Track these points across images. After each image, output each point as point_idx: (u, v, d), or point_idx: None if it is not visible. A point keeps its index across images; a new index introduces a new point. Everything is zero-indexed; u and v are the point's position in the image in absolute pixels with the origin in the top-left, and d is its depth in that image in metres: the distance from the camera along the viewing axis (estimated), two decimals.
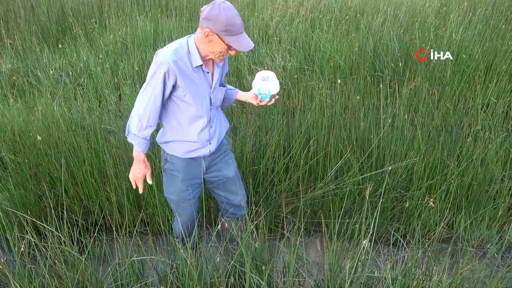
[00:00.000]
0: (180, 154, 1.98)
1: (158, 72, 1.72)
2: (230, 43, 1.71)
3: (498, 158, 2.68)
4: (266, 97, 2.04)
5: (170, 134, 1.95)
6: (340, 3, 6.52)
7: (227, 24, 1.66)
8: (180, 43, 1.80)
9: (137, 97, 1.81)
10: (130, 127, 1.86)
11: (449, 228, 2.63)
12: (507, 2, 5.99)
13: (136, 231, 2.53)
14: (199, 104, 1.87)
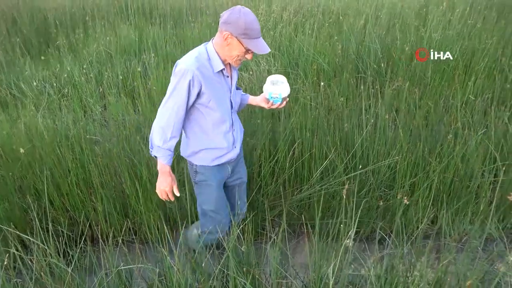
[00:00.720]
0: (209, 162, 1.96)
1: (182, 81, 1.72)
2: (249, 46, 1.75)
3: (477, 154, 2.74)
4: (278, 101, 2.07)
5: (196, 144, 1.94)
6: (323, 6, 6.61)
7: (246, 28, 1.71)
8: (198, 51, 1.81)
9: (159, 108, 1.79)
10: (153, 140, 1.82)
11: (433, 224, 2.68)
12: (485, 2, 6.15)
13: (123, 240, 2.53)
14: (222, 109, 1.89)
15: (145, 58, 4.96)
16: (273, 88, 2.05)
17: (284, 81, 2.06)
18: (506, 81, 3.92)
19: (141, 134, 3.18)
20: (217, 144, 1.94)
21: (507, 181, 2.68)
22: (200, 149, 1.94)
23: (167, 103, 1.76)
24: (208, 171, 1.99)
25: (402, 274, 1.78)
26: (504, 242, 2.50)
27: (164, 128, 1.77)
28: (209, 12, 6.85)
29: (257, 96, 2.22)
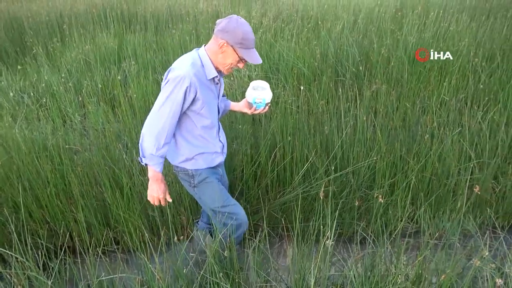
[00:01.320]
0: (202, 166, 1.97)
1: (178, 87, 1.70)
2: (243, 55, 1.79)
3: (453, 153, 2.82)
4: (261, 106, 2.11)
5: (188, 151, 1.93)
6: (301, 12, 6.70)
7: (243, 38, 1.75)
8: (192, 57, 1.82)
9: (149, 117, 1.75)
10: (145, 149, 1.77)
11: (413, 223, 2.74)
12: (457, 6, 6.35)
13: (105, 250, 2.50)
14: (212, 115, 1.92)
15: (125, 66, 4.93)
16: (256, 94, 2.08)
17: (267, 87, 2.10)
18: (479, 82, 4.05)
19: (121, 142, 3.16)
20: (209, 149, 1.97)
21: (482, 178, 2.76)
22: (193, 155, 1.94)
23: (162, 109, 1.73)
24: (204, 171, 1.99)
25: (382, 273, 1.82)
26: (479, 237, 2.57)
27: (157, 135, 1.75)
28: (189, 19, 6.86)
29: (239, 102, 2.25)
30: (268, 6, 7.40)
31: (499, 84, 3.94)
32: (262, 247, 1.86)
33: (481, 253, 1.96)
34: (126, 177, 2.59)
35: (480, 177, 2.78)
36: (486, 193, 2.76)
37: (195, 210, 2.71)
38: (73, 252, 2.59)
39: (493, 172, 2.82)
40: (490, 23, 5.43)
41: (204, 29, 6.03)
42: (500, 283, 1.78)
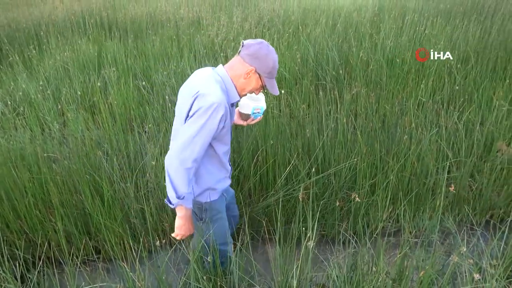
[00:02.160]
0: (217, 196, 1.84)
1: (214, 116, 1.55)
2: (267, 85, 1.71)
3: (431, 152, 2.89)
4: (258, 115, 2.03)
5: (208, 181, 1.79)
6: (282, 17, 6.77)
7: (273, 67, 1.67)
8: (216, 80, 1.66)
9: (175, 152, 1.56)
10: (178, 189, 1.59)
11: (394, 222, 2.78)
12: (433, 10, 6.53)
13: (86, 260, 2.45)
14: (230, 139, 1.84)
15: (105, 72, 4.87)
16: (255, 103, 2.00)
17: (262, 96, 2.04)
18: (454, 83, 4.17)
19: (102, 149, 3.12)
20: (222, 175, 1.87)
21: (459, 177, 2.84)
22: (209, 185, 1.79)
23: (195, 142, 1.56)
24: (216, 204, 1.85)
25: (364, 272, 1.84)
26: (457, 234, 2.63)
27: (190, 170, 1.58)
28: (170, 25, 6.84)
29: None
30: (249, 12, 7.45)
31: (474, 84, 4.06)
32: (244, 250, 1.85)
33: (459, 250, 2.01)
34: (106, 185, 2.56)
35: (457, 176, 2.85)
36: (464, 191, 2.83)
37: None
38: (53, 262, 2.54)
39: (470, 170, 2.90)
40: (464, 26, 5.60)
41: (185, 35, 6.03)
42: (478, 278, 1.82)
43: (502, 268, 1.92)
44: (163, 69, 4.79)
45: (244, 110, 2.02)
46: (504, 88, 3.88)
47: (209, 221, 1.85)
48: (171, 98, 4.26)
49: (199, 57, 5.18)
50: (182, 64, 4.83)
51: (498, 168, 2.85)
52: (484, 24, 5.75)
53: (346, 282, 1.77)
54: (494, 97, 3.73)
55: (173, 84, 4.39)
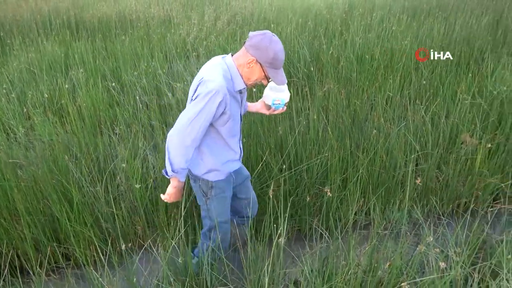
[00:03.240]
0: (223, 177, 1.95)
1: (212, 101, 1.67)
2: (270, 75, 1.76)
3: (399, 146, 2.96)
4: (280, 106, 2.08)
5: (213, 161, 1.89)
6: (254, 15, 6.78)
7: (273, 58, 1.71)
8: (222, 68, 1.77)
9: (177, 130, 1.70)
10: (174, 163, 1.74)
11: (365, 215, 2.84)
12: (399, 8, 6.69)
13: (56, 267, 2.39)
14: (236, 125, 1.91)
15: (73, 74, 4.74)
16: (275, 95, 2.06)
17: (285, 88, 2.07)
18: (422, 78, 4.29)
19: (70, 153, 3.03)
20: (229, 157, 1.95)
21: (427, 168, 2.93)
22: (215, 167, 1.90)
23: (194, 123, 1.69)
24: (223, 183, 1.97)
25: (336, 265, 1.87)
26: (425, 224, 2.72)
27: (187, 149, 1.73)
28: (140, 24, 6.72)
29: (256, 103, 2.23)
30: (220, 10, 7.42)
31: (440, 79, 4.19)
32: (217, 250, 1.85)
33: (426, 239, 2.08)
34: (75, 190, 2.49)
35: (424, 168, 2.94)
36: (431, 182, 2.92)
37: (150, 219, 2.65)
38: (21, 271, 2.45)
39: (436, 162, 3.00)
40: (429, 22, 5.77)
41: (156, 34, 5.94)
42: (444, 266, 1.89)
43: (466, 255, 2.00)
44: (134, 70, 4.71)
45: (266, 100, 2.10)
46: (467, 82, 4.03)
47: (213, 198, 1.98)
48: (142, 98, 4.20)
49: (170, 56, 5.12)
50: (153, 64, 4.76)
51: (463, 159, 2.96)
52: (448, 20, 5.95)
53: (318, 276, 1.79)
54: (458, 91, 3.86)
55: (144, 84, 4.32)
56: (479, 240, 2.23)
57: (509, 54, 4.82)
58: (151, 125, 3.65)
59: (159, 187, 2.68)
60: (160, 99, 4.22)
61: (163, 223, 2.54)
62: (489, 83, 3.99)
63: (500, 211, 2.85)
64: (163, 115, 3.81)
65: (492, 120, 3.30)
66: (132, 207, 2.65)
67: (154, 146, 3.27)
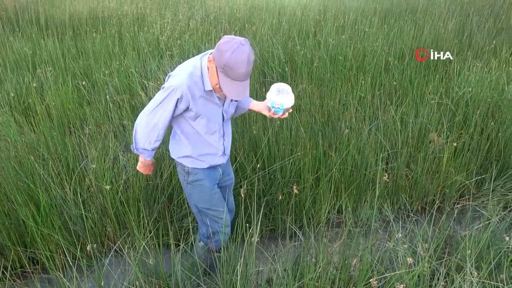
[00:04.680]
0: (201, 166, 1.97)
1: (170, 96, 1.73)
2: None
3: (370, 145, 3.03)
4: (279, 111, 1.99)
5: (187, 150, 1.93)
6: (228, 15, 6.76)
7: (226, 65, 1.61)
8: (194, 65, 1.77)
9: (143, 112, 1.81)
10: (138, 143, 1.88)
11: (338, 213, 2.89)
12: (371, 10, 6.84)
13: (23, 272, 2.30)
14: (212, 123, 1.89)
15: (41, 72, 4.58)
16: (276, 98, 1.96)
17: (290, 91, 1.97)
18: (393, 78, 4.41)
19: (37, 154, 2.93)
20: (208, 151, 1.96)
21: (397, 167, 3.01)
22: (191, 155, 1.94)
23: (154, 112, 1.78)
24: (200, 171, 1.98)
25: (307, 263, 1.90)
26: (393, 222, 2.79)
27: (149, 133, 1.83)
28: (113, 22, 6.57)
29: (260, 102, 2.14)
30: (195, 9, 7.36)
31: (409, 80, 4.32)
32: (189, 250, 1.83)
33: (395, 236, 2.14)
34: (42, 192, 2.41)
35: (394, 166, 3.02)
36: (401, 180, 3.01)
37: (122, 220, 2.60)
38: None
39: (406, 161, 3.08)
40: (400, 25, 5.93)
41: (128, 33, 5.82)
42: (411, 261, 1.95)
43: (432, 250, 2.07)
44: (105, 68, 4.60)
45: (267, 101, 2.02)
46: (435, 83, 4.17)
47: (190, 183, 2.01)
48: (114, 97, 4.10)
49: (143, 55, 5.03)
50: (126, 63, 4.67)
51: (431, 157, 3.06)
52: (418, 23, 6.13)
53: (291, 274, 1.81)
54: (426, 91, 3.99)
55: (116, 83, 4.23)
56: (445, 236, 2.31)
57: (474, 56, 5.02)
58: (123, 124, 3.57)
59: (131, 187, 2.63)
60: (133, 98, 4.14)
61: (134, 224, 2.49)
62: (455, 84, 4.14)
63: (465, 208, 2.97)
64: (135, 115, 3.74)
65: (457, 120, 3.43)
66: (102, 209, 2.59)
67: (125, 146, 3.21)
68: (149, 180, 2.75)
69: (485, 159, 3.27)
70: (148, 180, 2.75)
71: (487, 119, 3.51)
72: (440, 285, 1.88)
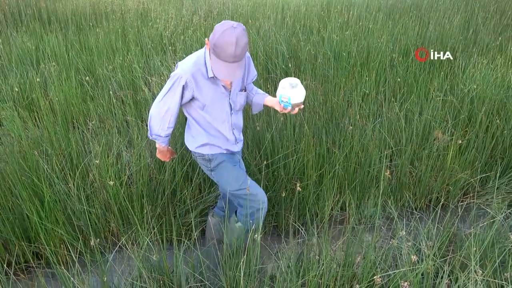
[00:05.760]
0: (219, 151, 2.06)
1: (176, 84, 1.82)
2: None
3: (374, 142, 3.02)
4: (287, 105, 1.95)
5: (204, 138, 2.02)
6: (232, 10, 6.73)
7: (215, 45, 1.68)
8: (198, 54, 1.87)
9: (155, 101, 1.91)
10: (152, 129, 1.97)
11: (342, 211, 2.89)
12: (376, 7, 6.79)
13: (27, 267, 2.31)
14: (218, 111, 1.97)
15: (45, 67, 4.58)
16: (284, 92, 1.92)
17: (298, 86, 1.93)
18: (397, 75, 4.38)
19: (40, 149, 2.93)
20: (220, 138, 2.04)
21: (400, 164, 2.99)
22: (208, 142, 2.02)
23: (164, 99, 1.88)
24: (220, 155, 2.06)
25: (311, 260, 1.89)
26: (397, 219, 2.78)
27: (161, 120, 1.93)
28: (116, 17, 6.56)
29: (273, 98, 2.16)
30: (198, 5, 7.33)
31: (414, 77, 4.29)
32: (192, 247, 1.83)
33: (399, 233, 2.13)
34: (46, 187, 2.41)
35: (398, 163, 3.01)
36: (405, 178, 2.99)
37: (126, 216, 2.60)
38: None
39: (410, 158, 3.07)
40: (404, 21, 5.89)
41: (132, 28, 5.81)
42: (415, 259, 1.94)
43: (436, 248, 2.06)
44: (109, 64, 4.59)
45: (277, 95, 2.01)
46: (440, 80, 4.14)
47: (215, 169, 2.07)
48: (117, 93, 4.10)
49: (146, 50, 5.02)
50: (129, 58, 4.66)
51: (435, 155, 3.05)
52: (422, 20, 6.08)
53: (294, 271, 1.80)
54: (431, 88, 3.96)
55: (119, 79, 4.23)
56: (449, 234, 2.30)
57: (479, 53, 4.98)
58: (126, 120, 3.57)
59: (134, 183, 2.63)
60: (136, 94, 4.14)
61: (138, 220, 2.50)
62: (460, 81, 4.11)
63: (469, 205, 2.95)
64: (138, 110, 3.74)
65: (462, 117, 3.41)
66: (106, 204, 2.59)
67: (129, 142, 3.21)
68: (152, 176, 2.76)
69: (490, 157, 3.24)
70: (151, 175, 2.76)
71: (492, 116, 3.48)
72: (444, 283, 1.87)
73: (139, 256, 1.66)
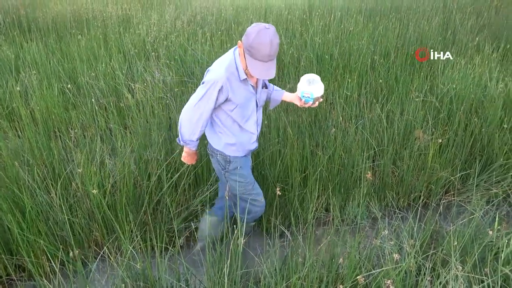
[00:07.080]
0: (240, 154, 2.14)
1: (212, 89, 1.87)
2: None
3: (357, 143, 3.06)
4: (309, 100, 2.11)
5: (232, 138, 2.08)
6: (215, 15, 6.74)
7: (250, 46, 1.76)
8: (229, 59, 1.92)
9: (187, 107, 1.94)
10: (183, 135, 2.03)
11: (326, 212, 2.91)
12: (357, 10, 6.89)
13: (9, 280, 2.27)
14: (247, 111, 2.05)
15: (25, 76, 4.51)
16: (305, 87, 2.08)
17: (319, 81, 2.09)
18: (379, 76, 4.45)
19: (21, 159, 2.89)
20: (245, 140, 2.12)
21: (383, 164, 3.04)
22: (233, 143, 2.09)
23: (198, 105, 1.92)
24: (239, 159, 2.15)
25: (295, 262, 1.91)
26: (380, 219, 2.82)
27: (194, 126, 1.97)
28: (97, 24, 6.50)
29: (292, 93, 2.31)
30: (181, 10, 7.32)
31: (395, 78, 4.37)
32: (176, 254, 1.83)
33: (382, 233, 2.16)
34: (27, 197, 2.38)
35: (381, 164, 3.06)
36: (387, 178, 3.04)
37: (110, 224, 2.58)
38: None
39: (392, 158, 3.12)
40: (384, 23, 5.99)
41: (113, 34, 5.77)
42: (398, 257, 1.97)
43: (418, 246, 2.10)
44: (91, 71, 4.55)
45: (298, 91, 2.15)
46: (420, 80, 4.22)
47: (231, 172, 2.16)
48: (100, 100, 4.07)
49: (129, 57, 4.99)
50: (112, 65, 4.63)
51: (416, 154, 3.10)
52: (402, 22, 6.20)
53: (278, 274, 1.82)
54: (411, 89, 4.04)
55: (102, 86, 4.19)
56: (431, 231, 2.35)
57: (457, 53, 5.10)
58: (109, 128, 3.54)
59: (118, 191, 2.61)
60: (119, 100, 4.11)
61: (121, 228, 2.48)
62: (440, 81, 4.20)
63: (451, 203, 3.02)
64: (122, 117, 3.71)
65: (442, 116, 3.48)
66: (89, 213, 2.57)
67: (112, 150, 3.18)
68: (136, 183, 2.74)
69: (469, 154, 3.32)
70: (136, 182, 2.74)
71: (470, 115, 3.57)
72: (426, 279, 1.91)
73: (123, 265, 1.65)
